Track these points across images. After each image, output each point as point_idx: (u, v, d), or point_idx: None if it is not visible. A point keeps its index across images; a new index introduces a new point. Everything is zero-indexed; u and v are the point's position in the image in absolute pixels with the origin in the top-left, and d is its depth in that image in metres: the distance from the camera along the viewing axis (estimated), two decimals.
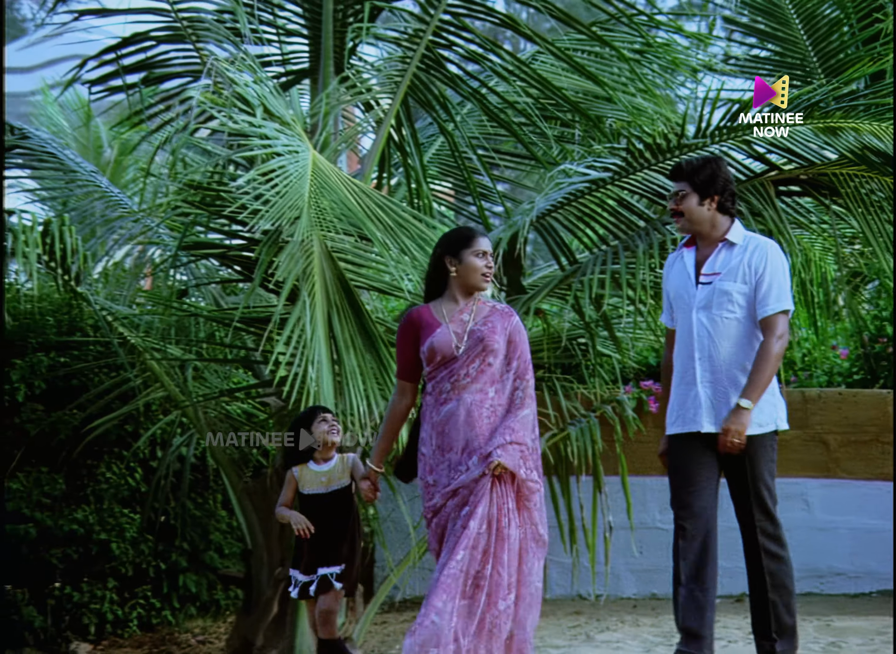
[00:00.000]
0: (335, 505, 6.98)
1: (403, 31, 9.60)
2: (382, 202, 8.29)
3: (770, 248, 6.87)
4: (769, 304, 6.79)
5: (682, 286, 6.97)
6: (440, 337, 6.63)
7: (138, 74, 9.71)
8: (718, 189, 6.90)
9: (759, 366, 6.73)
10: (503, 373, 6.64)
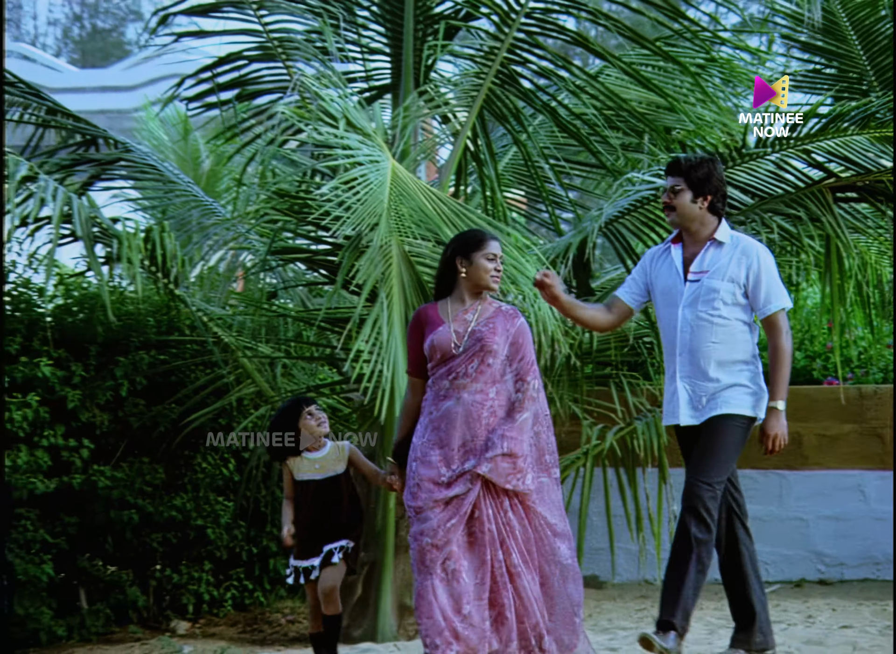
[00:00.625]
0: (330, 491, 6.88)
1: (479, 48, 9.65)
2: (458, 209, 8.34)
3: (759, 248, 6.78)
4: (771, 303, 6.70)
5: (670, 282, 6.84)
6: (440, 335, 6.55)
7: (232, 91, 9.83)
8: (712, 189, 6.80)
9: (777, 365, 6.66)
10: (504, 373, 6.54)
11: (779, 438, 6.62)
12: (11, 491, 8.94)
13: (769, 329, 6.72)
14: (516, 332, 6.58)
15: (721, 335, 6.69)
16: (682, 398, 6.73)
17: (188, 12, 9.88)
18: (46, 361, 9.31)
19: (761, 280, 6.69)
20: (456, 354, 6.52)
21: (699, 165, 6.80)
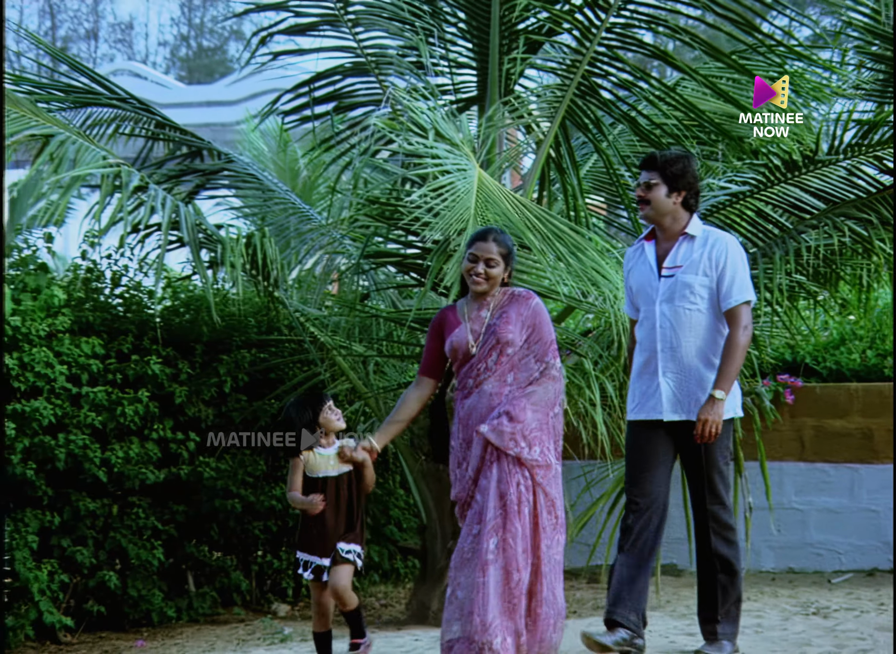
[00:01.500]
0: (342, 488, 6.66)
1: (561, 61, 9.61)
2: (541, 214, 8.31)
3: (729, 241, 6.59)
4: (732, 296, 6.49)
5: (644, 279, 6.66)
6: (457, 336, 6.44)
7: (328, 105, 9.86)
8: (686, 185, 6.60)
9: (728, 357, 6.43)
10: (523, 357, 6.36)
11: (709, 423, 6.38)
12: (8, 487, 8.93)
13: (729, 321, 6.50)
14: (530, 314, 6.40)
15: (699, 329, 6.51)
16: (665, 394, 6.53)
17: (287, 32, 9.92)
18: (156, 359, 9.39)
19: (726, 272, 6.49)
20: (474, 353, 6.39)
21: (675, 160, 6.60)
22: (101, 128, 9.71)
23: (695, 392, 6.49)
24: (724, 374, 6.41)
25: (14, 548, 8.74)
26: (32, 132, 8.84)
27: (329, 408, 6.70)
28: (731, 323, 6.49)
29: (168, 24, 37.24)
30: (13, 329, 9.05)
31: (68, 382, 9.16)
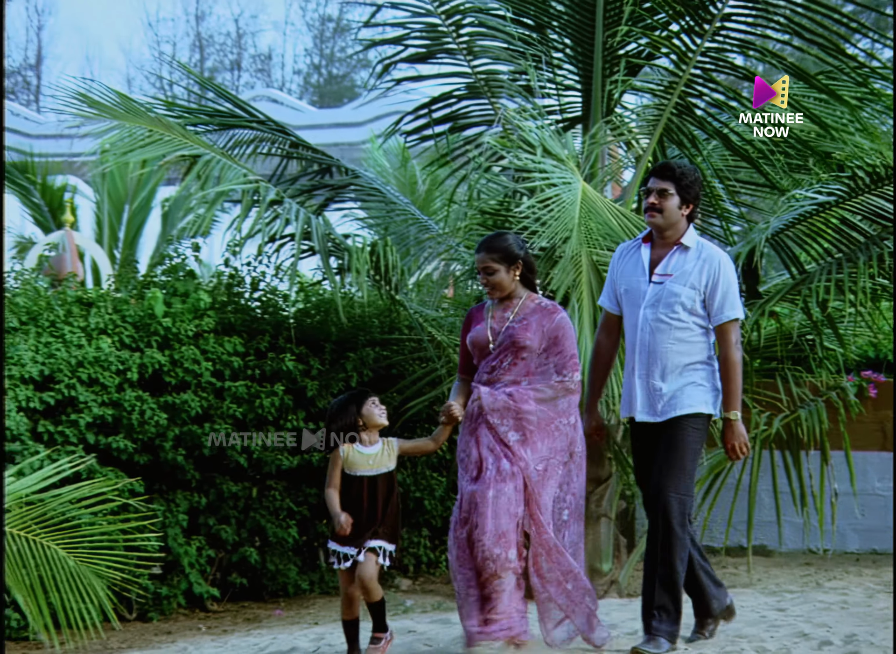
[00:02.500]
0: (379, 487, 6.25)
1: (659, 83, 9.63)
2: (640, 223, 8.33)
3: (722, 258, 6.27)
4: (724, 312, 6.22)
5: (635, 282, 6.34)
6: (477, 332, 6.27)
7: (445, 125, 9.96)
8: (695, 198, 6.33)
9: (728, 377, 6.20)
10: (540, 365, 6.16)
11: (738, 446, 6.20)
12: None
13: (719, 338, 6.24)
14: (553, 327, 6.19)
15: (678, 338, 6.20)
16: (639, 396, 6.25)
17: (408, 60, 10.03)
18: (290, 356, 9.53)
19: (718, 289, 6.20)
20: (489, 350, 6.21)
21: (689, 173, 6.32)
22: (242, 148, 9.91)
23: (664, 395, 6.20)
24: (731, 394, 6.20)
25: (167, 526, 8.95)
26: (182, 153, 9.07)
27: (373, 402, 6.34)
28: (722, 340, 6.25)
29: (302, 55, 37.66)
30: (165, 329, 9.28)
31: (213, 377, 9.34)
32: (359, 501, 6.21)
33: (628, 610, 7.70)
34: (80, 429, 8.78)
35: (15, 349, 8.64)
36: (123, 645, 8.21)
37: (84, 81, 9.51)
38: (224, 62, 36.59)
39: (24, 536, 5.89)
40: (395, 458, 6.31)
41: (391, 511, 6.27)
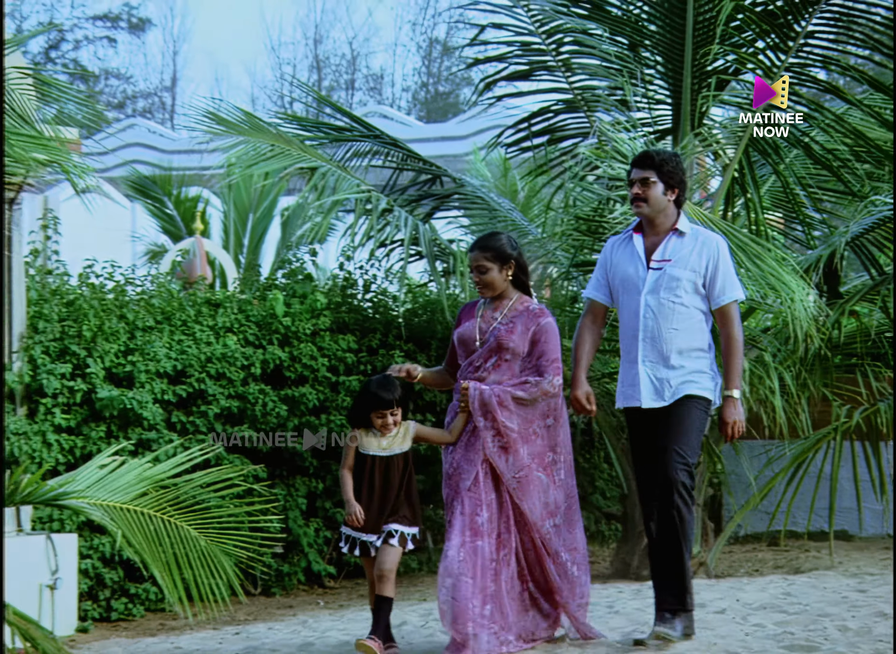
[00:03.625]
0: (393, 468, 5.88)
1: (745, 97, 9.54)
2: (727, 228, 8.25)
3: (719, 241, 5.96)
4: (725, 293, 5.89)
5: (632, 270, 5.95)
6: (465, 329, 5.93)
7: (543, 137, 9.92)
8: (679, 182, 5.94)
9: (730, 354, 5.86)
10: (524, 368, 5.82)
11: (737, 424, 5.84)
12: None
13: (722, 319, 5.91)
14: (537, 330, 5.82)
15: (681, 322, 5.86)
16: (644, 382, 5.88)
17: (508, 77, 10.01)
18: (399, 353, 9.56)
19: (719, 271, 5.87)
20: (475, 348, 5.87)
21: (669, 158, 5.95)
22: (356, 160, 9.96)
23: (672, 381, 5.86)
24: (733, 372, 5.85)
25: (287, 509, 9.03)
26: (301, 166, 9.16)
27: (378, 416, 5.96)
28: (724, 321, 5.92)
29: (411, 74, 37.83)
30: (285, 328, 9.36)
31: (328, 372, 9.41)
32: (371, 483, 5.86)
33: (716, 590, 7.64)
34: (209, 419, 8.89)
35: (151, 346, 8.77)
36: (249, 617, 8.31)
37: (213, 101, 9.64)
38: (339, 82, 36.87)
39: (159, 517, 5.96)
40: (409, 440, 5.94)
41: (407, 493, 5.92)
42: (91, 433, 8.45)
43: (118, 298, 9.08)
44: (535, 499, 5.79)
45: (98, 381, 8.50)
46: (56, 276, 9.27)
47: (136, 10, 36.61)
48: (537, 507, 5.80)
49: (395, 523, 5.85)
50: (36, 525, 8.02)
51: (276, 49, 37.89)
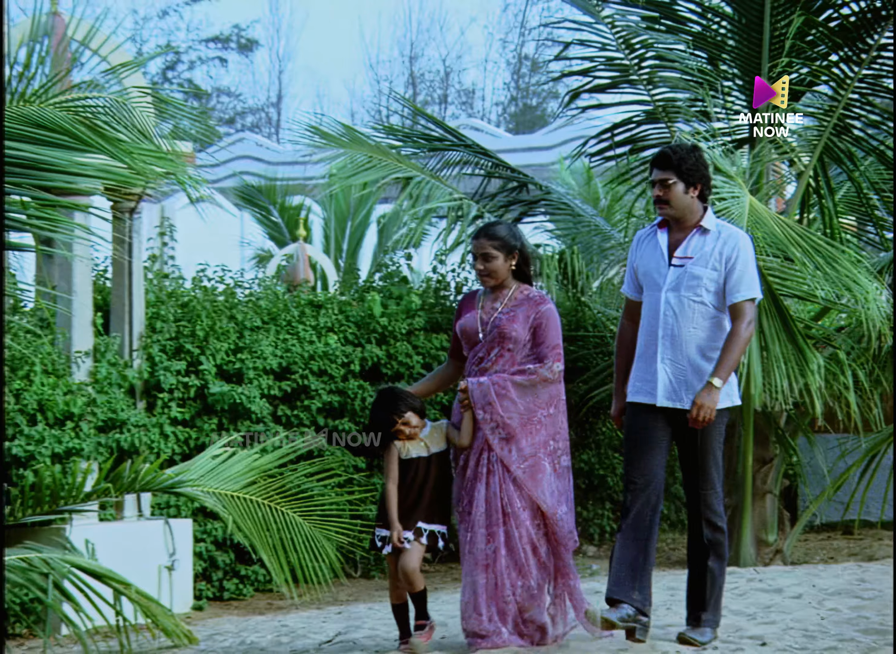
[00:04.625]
0: (431, 468, 5.56)
1: (819, 107, 9.40)
2: (802, 232, 8.16)
3: (741, 238, 5.49)
4: (740, 291, 5.38)
5: (654, 266, 5.49)
6: (467, 321, 5.57)
7: (625, 147, 9.85)
8: (700, 177, 5.44)
9: (729, 348, 5.34)
10: (526, 356, 5.45)
11: (704, 408, 5.27)
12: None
13: (734, 315, 5.40)
14: (537, 316, 5.45)
15: (701, 321, 5.39)
16: (662, 380, 5.39)
17: (592, 90, 9.95)
18: None
19: (736, 268, 5.39)
20: (478, 340, 5.51)
21: (687, 156, 5.44)
22: (449, 170, 9.97)
23: (690, 381, 5.39)
24: (724, 363, 5.33)
25: None
26: (397, 176, 9.20)
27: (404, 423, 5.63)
28: (735, 317, 5.40)
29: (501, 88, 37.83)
30: (382, 327, 9.39)
31: (423, 368, 9.41)
32: (409, 484, 5.53)
33: (792, 576, 7.52)
34: (312, 413, 8.96)
35: (258, 345, 8.85)
36: (350, 598, 8.36)
37: (315, 116, 9.73)
38: (433, 97, 36.96)
39: (267, 504, 6.03)
40: (444, 439, 5.59)
41: (441, 491, 5.58)
42: (204, 426, 8.56)
43: (228, 299, 9.18)
44: (545, 487, 5.45)
45: (210, 377, 8.61)
46: (172, 279, 9.41)
47: (245, 31, 37.03)
48: (547, 494, 5.45)
49: (425, 521, 5.53)
50: (154, 511, 8.14)
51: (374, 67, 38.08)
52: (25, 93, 4.72)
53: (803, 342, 8.03)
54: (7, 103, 4.69)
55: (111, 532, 7.57)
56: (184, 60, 36.11)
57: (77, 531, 6.92)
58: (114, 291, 8.40)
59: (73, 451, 7.51)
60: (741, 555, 8.88)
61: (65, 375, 7.83)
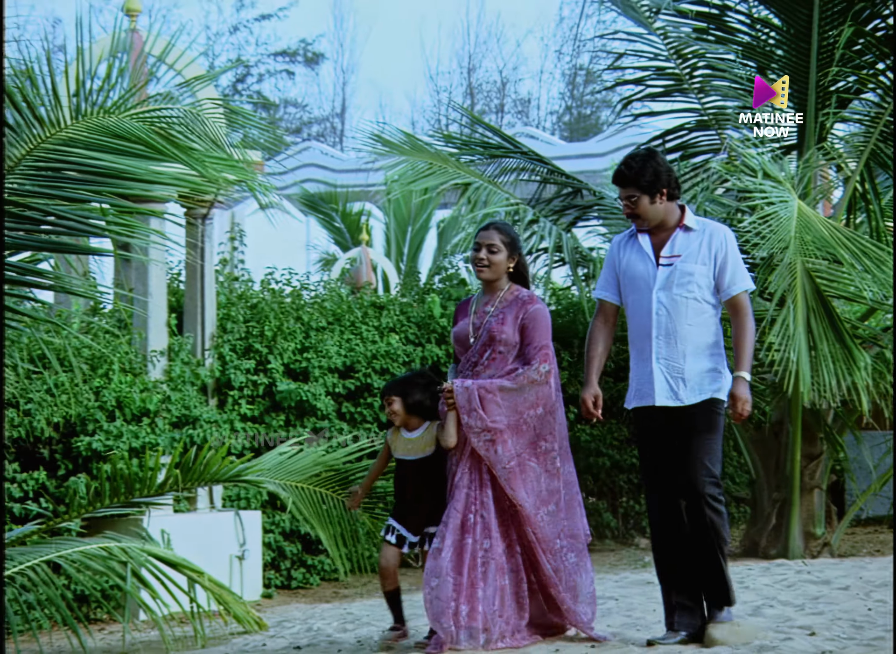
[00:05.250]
0: (422, 473, 5.41)
1: (866, 114, 9.29)
2: (850, 235, 8.10)
3: (726, 232, 5.31)
4: (736, 283, 5.23)
5: (641, 268, 5.28)
6: (459, 328, 5.40)
7: (676, 153, 9.79)
8: (664, 183, 5.22)
9: (743, 342, 5.18)
10: (517, 357, 5.27)
11: (742, 401, 5.14)
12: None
13: (734, 309, 5.25)
14: (525, 316, 5.26)
15: (695, 318, 5.21)
16: (659, 380, 5.22)
17: (643, 98, 9.90)
18: None
19: (727, 263, 5.22)
20: (470, 345, 5.33)
21: (643, 167, 5.21)
22: (505, 176, 9.95)
23: (687, 379, 5.22)
24: (744, 357, 5.17)
25: None
26: (456, 182, 9.20)
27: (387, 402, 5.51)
28: (737, 311, 5.25)
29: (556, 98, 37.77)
30: (441, 328, 9.40)
31: None
32: (409, 482, 5.43)
33: (840, 569, 7.49)
34: (374, 410, 8.99)
35: (323, 344, 8.90)
36: (412, 587, 8.36)
37: (378, 124, 9.76)
38: (490, 106, 36.93)
39: (333, 496, 6.06)
40: (433, 444, 5.40)
41: (441, 494, 5.37)
42: (272, 422, 8.62)
43: (295, 301, 9.24)
44: (528, 488, 5.24)
45: (278, 375, 8.66)
46: (242, 282, 9.48)
47: (311, 46, 37.25)
48: (530, 496, 5.24)
49: (433, 526, 5.35)
50: (225, 503, 8.21)
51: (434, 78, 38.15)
52: (105, 105, 4.78)
53: (851, 342, 7.95)
54: (88, 115, 4.76)
55: (185, 523, 7.65)
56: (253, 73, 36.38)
57: (154, 522, 6.99)
58: (187, 294, 8.49)
59: (148, 445, 7.60)
60: (790, 548, 8.84)
61: (141, 373, 7.92)
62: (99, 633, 6.91)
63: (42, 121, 4.66)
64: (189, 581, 5.74)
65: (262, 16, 36.38)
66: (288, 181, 21.93)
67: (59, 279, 4.89)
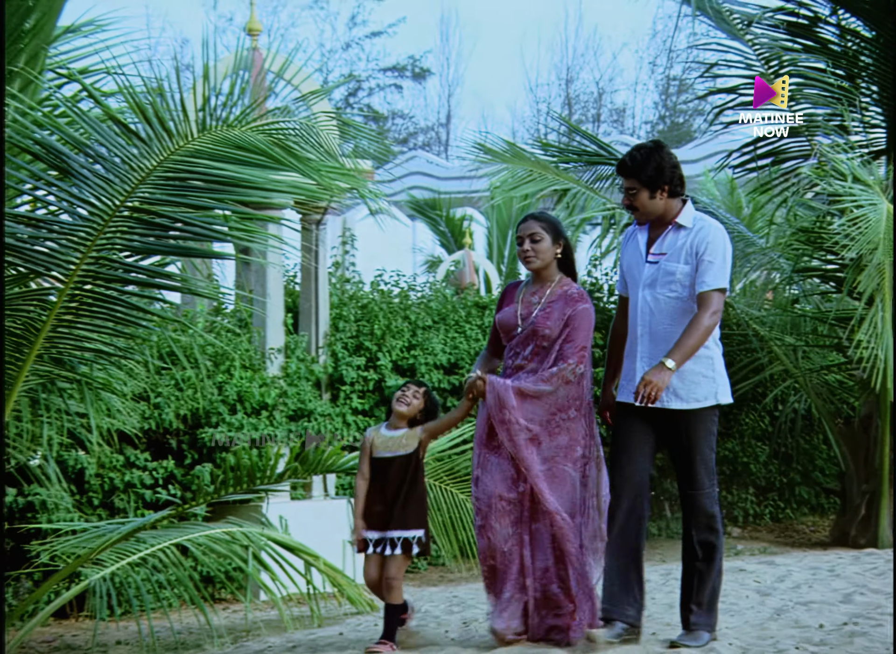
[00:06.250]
0: (399, 471, 5.08)
1: None
2: None
3: (715, 230, 4.84)
4: (706, 281, 4.75)
5: (634, 263, 4.95)
6: (505, 314, 5.03)
7: (766, 159, 9.58)
8: (666, 179, 4.83)
9: (689, 333, 4.68)
10: (557, 352, 4.88)
11: (652, 385, 4.61)
12: None
13: (700, 304, 4.75)
14: (572, 314, 4.89)
15: (679, 317, 4.79)
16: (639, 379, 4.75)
17: (735, 107, 9.71)
18: None
19: (705, 258, 4.77)
20: (515, 334, 4.97)
21: (647, 160, 4.83)
22: (601, 182, 9.85)
23: (673, 385, 4.79)
24: (681, 347, 4.67)
25: None
26: (555, 188, 9.13)
27: (401, 390, 5.21)
28: (701, 305, 4.74)
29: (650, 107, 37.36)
30: None
31: None
32: (383, 483, 5.09)
33: None
34: (477, 405, 8.93)
35: (429, 342, 8.90)
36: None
37: (481, 133, 9.74)
38: (587, 116, 36.67)
39: (438, 485, 6.05)
40: (414, 442, 5.14)
41: (413, 496, 5.09)
42: (381, 415, 8.64)
43: (403, 301, 9.26)
44: (561, 493, 4.86)
45: (387, 371, 8.69)
46: (353, 283, 9.54)
47: (419, 61, 37.43)
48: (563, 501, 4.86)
49: (398, 529, 5.08)
50: (338, 491, 8.26)
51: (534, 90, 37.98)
52: (228, 118, 4.84)
53: None
54: (213, 128, 4.82)
55: (301, 510, 7.70)
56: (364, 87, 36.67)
57: (272, 508, 7.06)
58: (302, 295, 8.56)
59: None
60: (879, 537, 8.70)
61: (260, 369, 8.01)
62: (223, 612, 7.01)
63: (171, 134, 4.73)
64: (305, 564, 5.78)
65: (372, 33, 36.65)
66: (396, 188, 22.08)
67: (185, 281, 4.97)
